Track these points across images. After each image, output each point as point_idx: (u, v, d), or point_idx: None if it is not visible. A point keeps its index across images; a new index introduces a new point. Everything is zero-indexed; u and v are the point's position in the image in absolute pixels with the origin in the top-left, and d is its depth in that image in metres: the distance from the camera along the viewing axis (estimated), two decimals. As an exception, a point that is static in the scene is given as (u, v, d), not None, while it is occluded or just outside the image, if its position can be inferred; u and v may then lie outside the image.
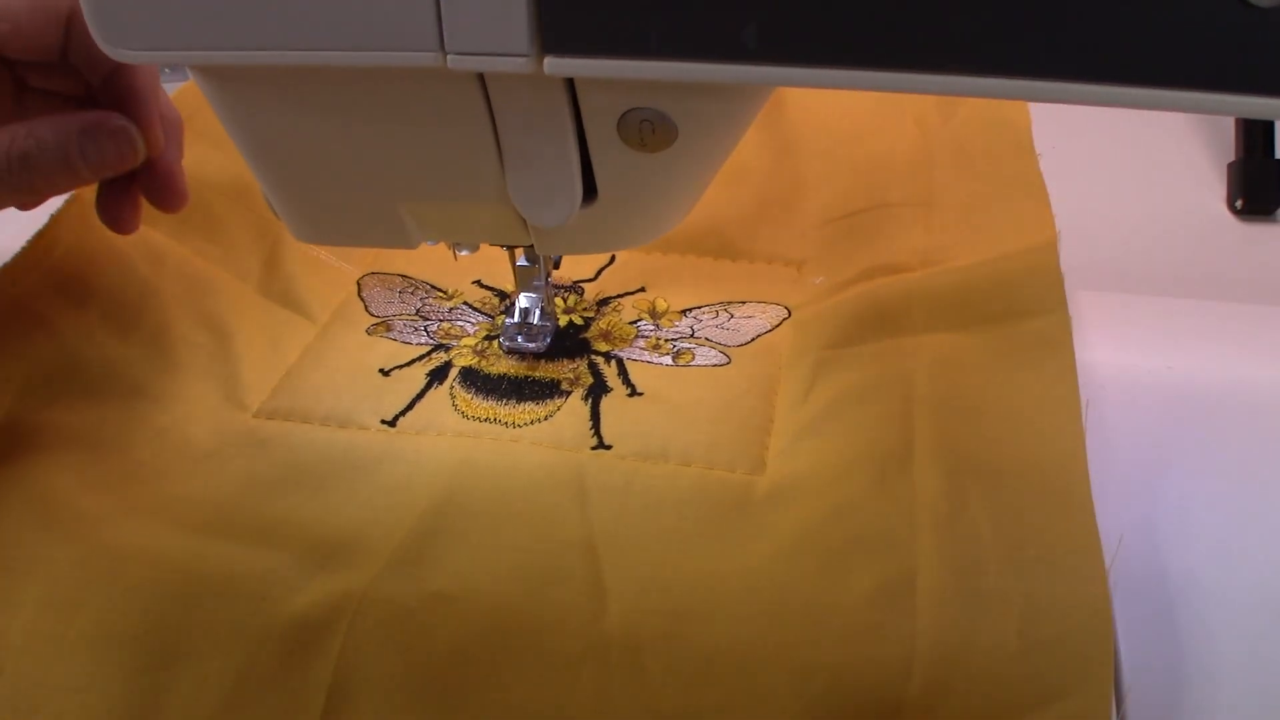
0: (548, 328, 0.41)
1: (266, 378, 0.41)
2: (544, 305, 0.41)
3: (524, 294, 0.41)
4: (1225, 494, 0.34)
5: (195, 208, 0.43)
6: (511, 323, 0.41)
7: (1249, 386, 0.37)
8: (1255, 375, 0.38)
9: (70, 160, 0.32)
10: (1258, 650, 0.29)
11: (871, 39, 0.21)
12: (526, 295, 0.41)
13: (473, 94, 0.26)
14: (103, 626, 0.29)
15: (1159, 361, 0.39)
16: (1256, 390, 0.37)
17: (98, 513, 0.33)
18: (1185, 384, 0.37)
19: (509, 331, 0.41)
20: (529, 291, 0.41)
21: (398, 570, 0.31)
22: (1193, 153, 0.54)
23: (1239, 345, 0.40)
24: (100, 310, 0.39)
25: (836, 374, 0.37)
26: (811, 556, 0.30)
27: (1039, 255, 0.38)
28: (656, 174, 0.29)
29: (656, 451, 0.36)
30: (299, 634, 0.29)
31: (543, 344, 0.41)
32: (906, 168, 0.46)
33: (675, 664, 0.28)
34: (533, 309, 0.41)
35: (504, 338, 0.41)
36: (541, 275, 0.40)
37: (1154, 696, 0.28)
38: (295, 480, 0.35)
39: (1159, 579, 0.31)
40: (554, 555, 0.31)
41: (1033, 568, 0.28)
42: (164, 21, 0.25)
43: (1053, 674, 0.26)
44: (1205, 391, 0.37)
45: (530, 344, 0.41)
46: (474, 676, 0.28)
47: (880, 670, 0.27)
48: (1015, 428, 0.33)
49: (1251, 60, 0.20)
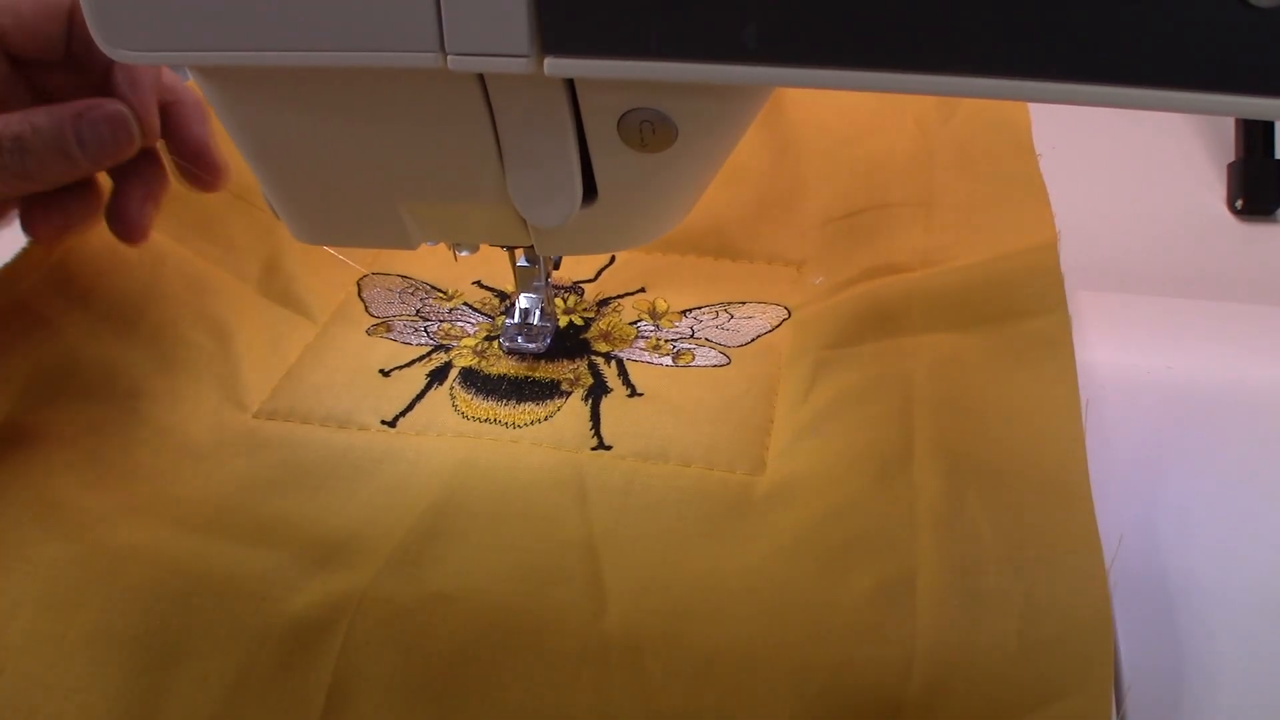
0: (548, 328, 0.41)
1: (267, 378, 0.41)
2: (544, 306, 0.41)
3: (524, 295, 0.41)
4: (1225, 494, 0.34)
5: (195, 208, 0.43)
6: (512, 323, 0.41)
7: (1249, 386, 0.37)
8: (1255, 375, 0.38)
9: (66, 144, 0.32)
10: (1258, 650, 0.29)
11: (871, 39, 0.21)
12: (526, 296, 0.41)
13: (473, 94, 0.26)
14: (102, 627, 0.29)
15: (1159, 361, 0.39)
16: (1256, 390, 0.37)
17: (98, 512, 0.33)
18: (1185, 384, 0.37)
19: (509, 332, 0.41)
20: (529, 292, 0.41)
21: (397, 570, 0.31)
22: (1193, 153, 0.54)
23: (1239, 345, 0.40)
24: (100, 310, 0.39)
25: (836, 374, 0.37)
26: (811, 556, 0.30)
27: (1039, 255, 0.38)
28: (657, 174, 0.29)
29: (656, 452, 0.36)
30: (299, 634, 0.29)
31: (543, 344, 0.41)
32: (906, 168, 0.46)
33: (675, 664, 0.28)
34: (533, 309, 0.41)
35: (504, 338, 0.41)
36: (541, 276, 0.40)
37: (1154, 696, 0.28)
38: (295, 480, 0.35)
39: (1159, 578, 0.31)
40: (554, 555, 0.31)
41: (1033, 567, 0.28)
42: (164, 22, 0.25)
43: (1053, 674, 0.26)
44: (1205, 391, 0.37)
45: (530, 344, 0.41)
46: (474, 677, 0.28)
47: (880, 670, 0.27)
48: (1015, 428, 0.33)
49: (1251, 60, 0.20)
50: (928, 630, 0.27)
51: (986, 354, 0.35)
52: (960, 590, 0.28)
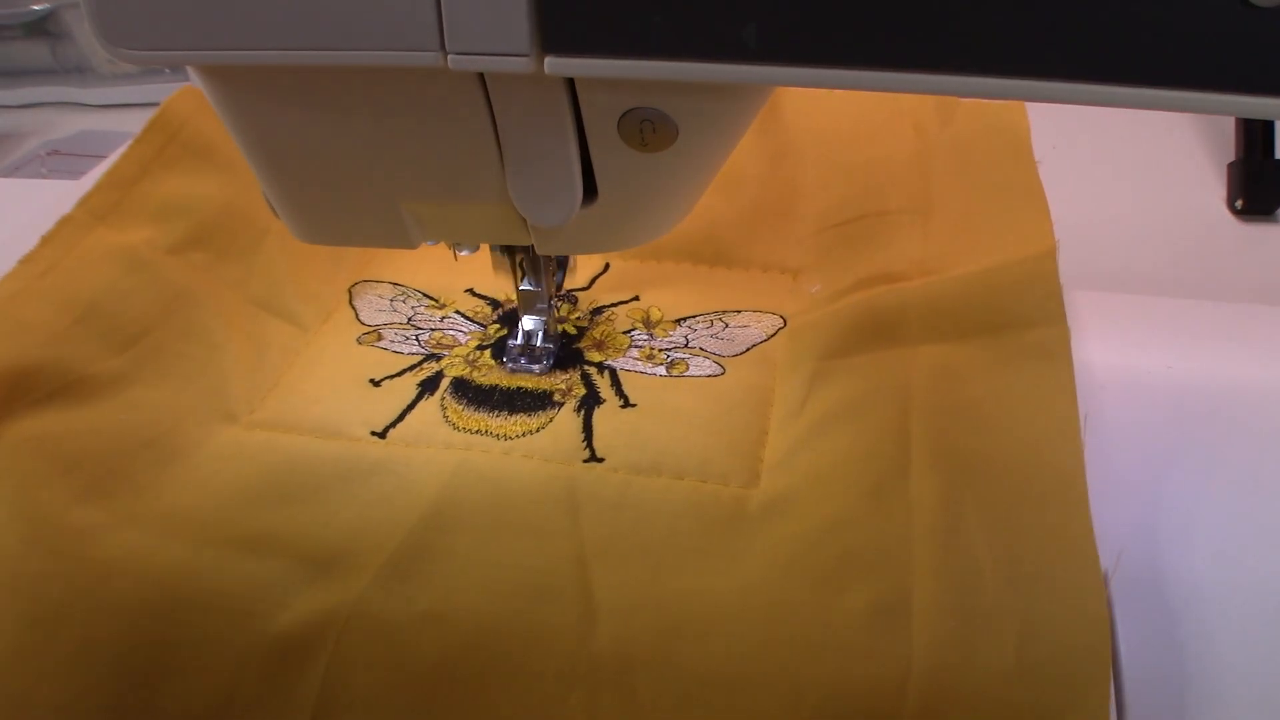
0: (551, 350, 0.41)
1: (256, 388, 0.40)
2: (547, 327, 0.41)
3: (528, 316, 0.41)
4: (1227, 496, 0.33)
5: (185, 217, 0.43)
6: (515, 344, 0.41)
7: (1250, 387, 0.37)
8: (1256, 376, 0.38)
9: None
10: (1261, 655, 0.29)
11: (871, 38, 0.21)
12: (530, 317, 0.41)
13: (473, 94, 0.26)
14: (87, 642, 0.29)
15: (1159, 362, 0.38)
16: (1257, 391, 0.37)
17: (84, 526, 0.32)
18: (1186, 384, 0.37)
19: (512, 353, 0.41)
20: (533, 314, 0.41)
21: (385, 586, 0.30)
22: (1193, 153, 0.54)
23: (1239, 345, 0.39)
24: (88, 321, 0.38)
25: (832, 385, 0.37)
26: (805, 573, 0.30)
27: (1038, 264, 0.37)
28: (657, 174, 0.28)
29: (649, 465, 0.35)
30: (285, 650, 0.29)
31: (547, 366, 0.41)
32: (904, 174, 0.46)
33: (664, 684, 0.27)
34: (536, 331, 0.41)
35: (508, 359, 0.41)
36: (545, 298, 0.40)
37: (1155, 702, 0.28)
38: (284, 492, 0.35)
39: (1161, 581, 0.31)
40: (544, 571, 0.31)
41: (1030, 584, 0.28)
42: (165, 21, 0.25)
43: (1050, 694, 0.26)
44: (1206, 392, 0.37)
45: (534, 366, 0.41)
46: (460, 695, 0.28)
47: (875, 691, 0.26)
48: (1013, 441, 0.32)
49: (1251, 60, 0.20)
50: (923, 650, 0.27)
51: (984, 365, 0.35)
52: (957, 609, 0.28)
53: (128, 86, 0.70)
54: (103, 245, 0.41)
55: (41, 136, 0.67)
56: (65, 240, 0.40)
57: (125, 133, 0.45)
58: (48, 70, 0.72)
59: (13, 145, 0.66)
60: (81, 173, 0.51)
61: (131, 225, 0.42)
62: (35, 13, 0.69)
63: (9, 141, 0.67)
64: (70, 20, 0.70)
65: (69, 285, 0.39)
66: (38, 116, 0.70)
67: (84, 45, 0.70)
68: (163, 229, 0.42)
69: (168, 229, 0.42)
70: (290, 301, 0.44)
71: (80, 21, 0.69)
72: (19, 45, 0.71)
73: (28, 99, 0.72)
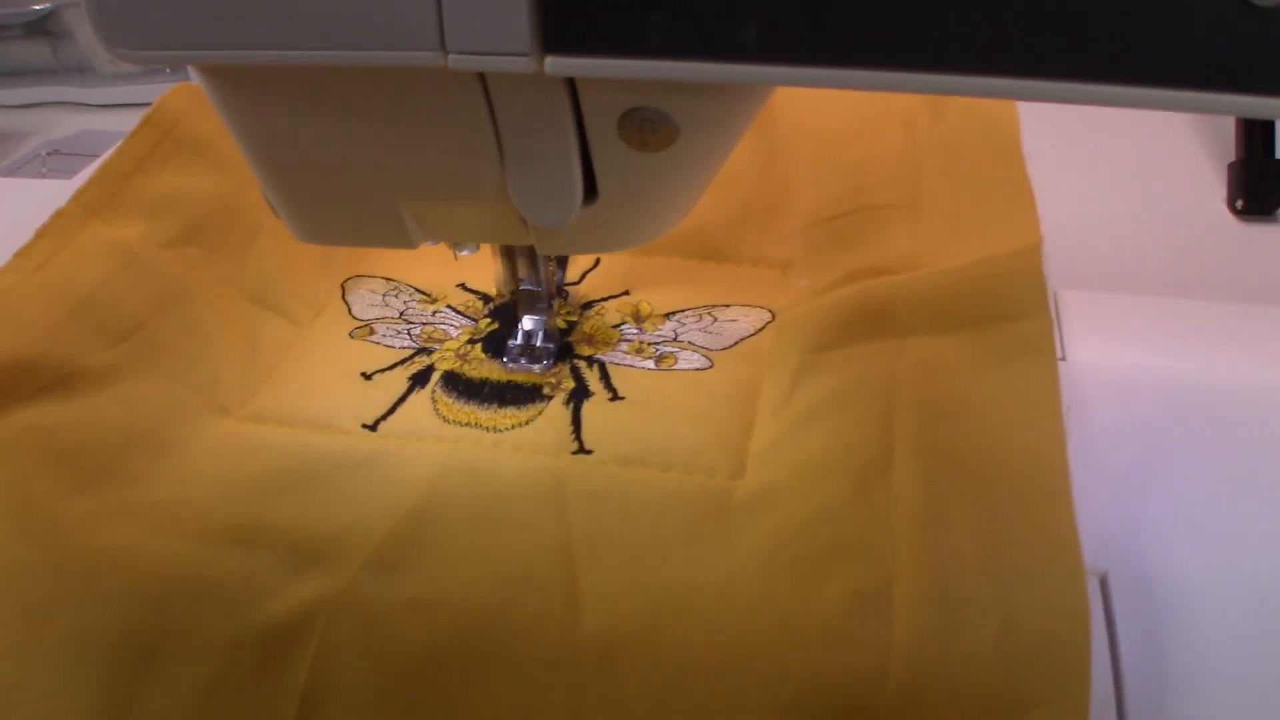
0: (551, 349, 0.41)
1: (249, 381, 0.40)
2: (547, 327, 0.41)
3: (527, 316, 0.41)
4: (1224, 496, 0.33)
5: (178, 212, 0.43)
6: (515, 344, 0.41)
7: (1249, 387, 0.37)
8: (1255, 376, 0.37)
9: None
10: (1252, 654, 0.29)
11: (871, 38, 0.21)
12: (530, 317, 0.41)
13: (473, 93, 0.26)
14: (76, 632, 0.29)
15: (1158, 362, 0.38)
16: (1257, 391, 0.37)
17: (75, 517, 0.32)
18: (1185, 384, 0.37)
19: (512, 353, 0.41)
20: (532, 314, 0.41)
21: (373, 576, 0.30)
22: (1193, 153, 0.54)
23: (1238, 346, 0.39)
24: (82, 315, 0.39)
25: (818, 378, 0.37)
26: (788, 563, 0.30)
27: (1023, 258, 0.37)
28: (657, 173, 0.28)
29: (636, 456, 0.36)
30: (273, 640, 0.29)
31: (547, 365, 0.41)
32: (893, 171, 0.46)
33: (648, 671, 0.28)
34: (536, 331, 0.41)
35: (508, 359, 0.41)
36: (545, 298, 0.40)
37: (1146, 701, 0.28)
38: (274, 484, 0.35)
39: (1156, 580, 0.31)
40: (530, 562, 0.31)
41: (1012, 576, 0.28)
42: (165, 20, 0.25)
43: (1030, 683, 0.26)
44: (1205, 392, 0.37)
45: (535, 365, 0.41)
46: (447, 684, 0.28)
47: (854, 679, 0.27)
48: (997, 432, 0.32)
49: (1251, 60, 0.20)
50: (904, 639, 0.27)
51: (969, 358, 0.35)
52: (938, 599, 0.28)
53: (128, 86, 0.70)
54: (97, 240, 0.41)
55: (42, 136, 0.67)
56: (59, 235, 0.41)
57: (126, 133, 0.45)
58: (48, 70, 0.72)
59: (13, 145, 0.66)
60: (82, 173, 0.51)
61: (125, 220, 0.42)
62: (35, 12, 0.69)
63: (9, 141, 0.67)
64: (71, 20, 0.70)
65: (63, 279, 0.39)
66: (38, 116, 0.70)
67: (85, 45, 0.70)
68: (157, 224, 0.42)
69: (162, 224, 0.43)
70: (283, 296, 0.44)
71: (81, 21, 0.69)
72: (19, 45, 0.71)
73: (28, 99, 0.72)
